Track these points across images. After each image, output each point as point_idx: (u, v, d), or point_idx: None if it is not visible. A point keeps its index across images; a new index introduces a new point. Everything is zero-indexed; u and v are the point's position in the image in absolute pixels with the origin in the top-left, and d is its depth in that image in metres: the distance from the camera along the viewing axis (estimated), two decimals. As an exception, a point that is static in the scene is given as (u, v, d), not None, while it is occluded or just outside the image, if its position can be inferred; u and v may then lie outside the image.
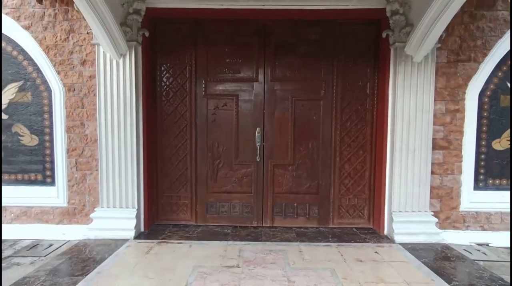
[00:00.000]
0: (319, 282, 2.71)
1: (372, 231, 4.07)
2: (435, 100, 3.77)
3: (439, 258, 3.27)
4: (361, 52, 4.05)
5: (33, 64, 3.90)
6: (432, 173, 3.83)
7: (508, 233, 3.85)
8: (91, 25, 3.44)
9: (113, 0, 3.46)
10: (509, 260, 3.21)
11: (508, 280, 2.82)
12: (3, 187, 3.92)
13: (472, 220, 3.92)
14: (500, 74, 3.84)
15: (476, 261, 3.28)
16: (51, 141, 3.96)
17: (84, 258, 3.20)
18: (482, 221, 3.92)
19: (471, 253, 3.52)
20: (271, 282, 2.69)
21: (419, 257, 3.27)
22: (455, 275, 2.89)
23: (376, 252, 3.39)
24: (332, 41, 4.05)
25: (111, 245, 3.51)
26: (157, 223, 4.21)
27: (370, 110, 4.08)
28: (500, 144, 3.91)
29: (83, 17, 3.65)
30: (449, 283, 2.72)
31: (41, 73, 3.91)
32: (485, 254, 3.56)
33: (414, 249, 3.48)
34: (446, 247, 3.57)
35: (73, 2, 3.41)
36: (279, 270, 2.93)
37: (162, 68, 4.14)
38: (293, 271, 2.92)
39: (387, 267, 3.05)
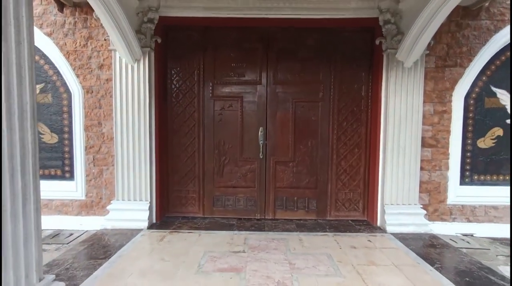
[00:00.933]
0: (317, 264, 3.05)
1: (366, 222, 4.41)
2: (424, 102, 4.11)
3: (426, 246, 3.61)
4: (356, 57, 4.38)
5: (54, 68, 4.24)
6: (421, 169, 4.17)
7: (492, 224, 4.19)
8: (109, 32, 3.77)
9: (129, 10, 3.80)
10: None
11: (487, 265, 3.15)
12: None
13: (458, 213, 4.26)
14: (484, 78, 4.17)
15: (459, 249, 3.62)
16: (70, 139, 4.30)
17: (104, 244, 3.53)
18: (468, 213, 4.25)
19: (456, 242, 3.86)
20: (274, 264, 3.03)
21: (408, 244, 3.60)
22: (439, 259, 3.23)
23: (369, 240, 3.73)
24: (329, 47, 4.38)
25: (127, 234, 3.84)
26: (167, 215, 4.55)
27: (364, 111, 4.42)
28: (485, 142, 4.25)
29: (101, 25, 4.00)
30: (432, 266, 3.06)
31: (61, 77, 4.24)
32: (469, 242, 3.90)
33: (404, 238, 3.81)
34: (433, 237, 3.91)
35: (92, 11, 3.76)
36: (281, 255, 3.26)
37: (173, 72, 4.48)
38: (294, 255, 3.26)
39: (378, 252, 3.39)
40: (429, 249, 3.52)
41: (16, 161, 1.76)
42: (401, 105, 4.06)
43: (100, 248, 3.44)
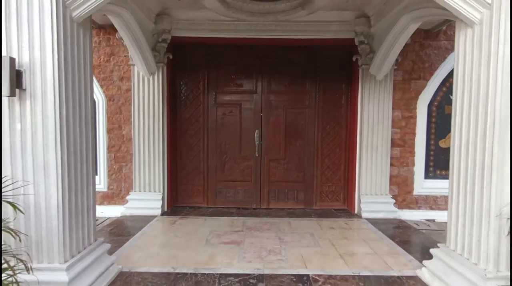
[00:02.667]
0: (301, 239, 3.81)
1: (346, 211, 5.18)
2: (393, 109, 4.90)
3: (392, 227, 4.38)
4: (337, 71, 5.17)
5: (81, 79, 4.98)
6: (391, 165, 4.96)
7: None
8: (130, 50, 4.52)
9: (146, 32, 4.55)
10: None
11: (437, 241, 3.92)
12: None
13: (423, 202, 5.04)
14: (444, 89, 4.98)
15: (420, 230, 4.40)
16: (95, 140, 5.03)
17: (127, 226, 4.28)
18: (431, 202, 5.04)
19: (418, 225, 4.65)
20: (267, 239, 3.79)
21: (377, 226, 4.37)
22: (399, 237, 4.00)
23: (345, 223, 4.51)
24: (314, 63, 5.17)
25: (144, 219, 4.57)
26: (176, 205, 5.29)
27: (344, 117, 5.21)
28: (445, 143, 5.03)
29: (122, 44, 4.77)
30: (393, 240, 3.83)
31: (87, 87, 4.99)
32: (429, 226, 4.68)
33: (375, 222, 4.58)
34: (400, 221, 4.69)
35: (114, 32, 4.54)
36: (272, 233, 4.02)
37: (181, 83, 5.25)
38: (283, 234, 4.02)
39: (351, 232, 4.16)
40: (394, 229, 4.30)
41: (83, 155, 2.51)
42: (374, 112, 4.85)
43: (124, 229, 4.18)
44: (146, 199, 4.89)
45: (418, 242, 3.86)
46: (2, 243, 1.83)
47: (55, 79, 2.18)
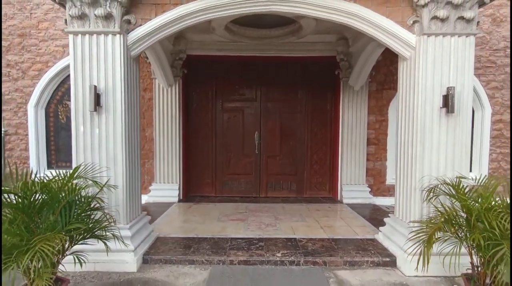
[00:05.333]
0: (292, 217, 4.86)
1: (331, 198, 6.24)
2: (368, 113, 5.96)
3: (366, 210, 5.43)
4: (323, 82, 6.23)
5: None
6: (368, 160, 6.02)
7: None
8: (154, 67, 5.56)
9: (166, 52, 5.58)
10: None
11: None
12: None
13: (393, 190, 6.08)
14: (411, 97, 6.02)
15: (388, 212, 5.44)
16: (122, 140, 6.06)
17: (152, 210, 5.30)
18: (400, 191, 6.09)
19: (388, 208, 5.69)
20: (265, 218, 4.84)
21: (354, 209, 5.43)
22: (370, 215, 5.06)
23: (329, 207, 5.57)
24: (304, 75, 6.23)
25: (165, 205, 5.59)
26: (189, 194, 6.33)
27: (329, 120, 6.27)
28: (412, 142, 6.08)
29: (145, 61, 5.79)
30: (364, 218, 4.88)
31: (116, 96, 6.02)
32: (397, 209, 5.73)
33: (353, 206, 5.63)
34: (373, 205, 5.75)
35: (140, 52, 5.56)
36: (270, 214, 5.07)
37: (193, 93, 6.30)
38: (278, 214, 5.07)
39: (332, 212, 5.22)
40: (367, 211, 5.36)
41: (135, 150, 3.55)
42: (352, 116, 5.91)
43: (151, 212, 5.19)
44: (166, 189, 5.93)
45: (383, 219, 4.91)
46: (99, 204, 2.86)
47: (121, 99, 3.23)
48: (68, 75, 5.93)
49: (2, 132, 5.90)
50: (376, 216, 5.06)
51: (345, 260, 3.37)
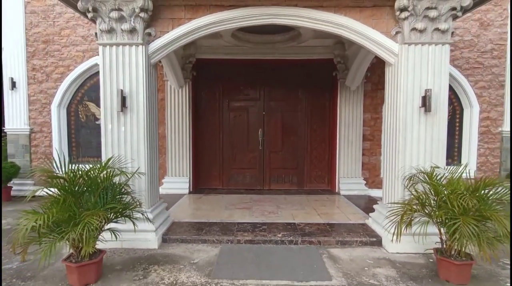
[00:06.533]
0: (292, 206, 5.37)
1: (329, 190, 6.74)
2: (364, 112, 6.44)
3: (361, 200, 5.92)
4: (322, 83, 6.71)
5: (126, 91, 6.55)
6: (363, 154, 6.50)
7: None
8: (166, 70, 6.08)
9: (178, 56, 6.11)
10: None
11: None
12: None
13: (388, 183, 6.57)
14: (403, 96, 6.48)
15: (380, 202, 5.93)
16: (136, 137, 6.61)
17: (166, 200, 5.81)
18: (394, 183, 6.56)
19: (381, 199, 6.17)
20: (268, 206, 5.35)
21: (350, 200, 5.92)
22: (364, 205, 5.54)
23: (327, 198, 6.07)
24: (304, 76, 6.71)
25: (176, 196, 6.14)
26: (198, 187, 6.87)
27: (327, 118, 6.76)
28: (405, 138, 6.55)
29: (158, 64, 6.30)
30: (359, 207, 5.37)
31: (131, 97, 6.56)
32: (390, 200, 6.21)
33: (350, 198, 6.12)
34: (368, 197, 6.24)
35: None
36: (272, 203, 5.59)
37: (202, 93, 6.82)
38: (280, 204, 5.58)
39: (329, 202, 5.73)
40: (362, 201, 5.84)
41: (154, 145, 4.08)
42: (349, 114, 6.39)
43: (165, 202, 5.75)
44: (177, 182, 6.48)
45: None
46: (127, 190, 3.39)
47: (143, 101, 3.76)
48: (88, 78, 6.58)
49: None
50: (370, 206, 5.51)
51: (337, 240, 3.88)
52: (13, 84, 6.44)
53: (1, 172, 5.93)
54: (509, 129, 6.41)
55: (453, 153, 6.66)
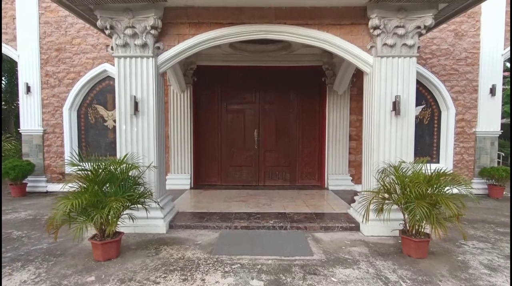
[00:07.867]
0: (284, 199, 5.97)
1: (319, 186, 7.35)
2: (350, 114, 7.05)
3: (347, 195, 6.52)
4: (312, 87, 7.32)
5: (132, 95, 7.12)
6: (350, 153, 7.11)
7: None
8: (169, 76, 6.66)
9: (180, 64, 6.68)
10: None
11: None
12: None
13: (372, 179, 7.18)
14: (386, 100, 7.10)
15: (365, 196, 6.54)
16: (142, 137, 7.18)
17: (170, 195, 6.42)
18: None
19: (366, 193, 6.78)
20: (262, 199, 5.95)
21: (337, 194, 6.53)
22: (349, 198, 6.13)
23: (316, 192, 6.67)
24: (296, 82, 7.32)
25: (179, 192, 6.71)
26: (199, 183, 7.45)
27: (317, 119, 7.37)
28: (388, 138, 7.17)
29: (162, 71, 6.89)
30: (344, 200, 5.97)
31: (137, 100, 7.13)
32: (374, 194, 6.83)
33: (337, 192, 6.73)
34: (354, 191, 6.82)
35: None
36: (266, 197, 6.19)
37: (202, 96, 7.41)
38: (273, 197, 6.18)
39: (318, 196, 6.33)
40: (348, 195, 6.44)
41: (161, 143, 4.66)
42: (337, 116, 7.01)
43: (169, 196, 6.33)
44: (179, 178, 7.06)
45: (359, 200, 6.00)
46: (141, 182, 3.97)
47: (153, 105, 4.35)
48: (97, 83, 7.16)
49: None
50: (354, 199, 6.15)
51: (321, 225, 4.48)
52: (28, 89, 7.00)
53: (1, 170, 6.45)
54: (481, 129, 7.06)
55: (432, 151, 7.30)
